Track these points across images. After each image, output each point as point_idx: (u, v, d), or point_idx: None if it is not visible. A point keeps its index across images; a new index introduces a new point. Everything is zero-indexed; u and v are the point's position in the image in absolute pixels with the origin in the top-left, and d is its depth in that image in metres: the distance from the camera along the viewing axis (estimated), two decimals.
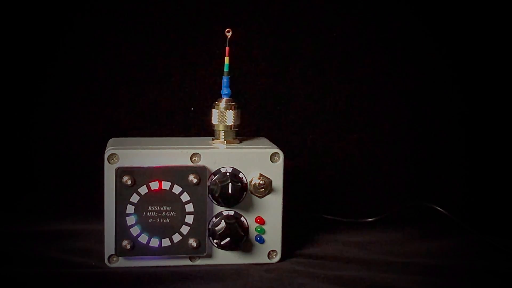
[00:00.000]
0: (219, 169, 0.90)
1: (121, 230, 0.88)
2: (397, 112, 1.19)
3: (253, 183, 0.91)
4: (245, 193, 0.91)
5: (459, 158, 1.20)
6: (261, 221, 0.92)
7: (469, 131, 1.20)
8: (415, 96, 1.19)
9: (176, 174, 0.89)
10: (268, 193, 0.92)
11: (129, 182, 0.87)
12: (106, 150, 0.89)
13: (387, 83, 1.19)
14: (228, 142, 0.94)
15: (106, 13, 1.13)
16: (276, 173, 0.92)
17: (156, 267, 0.89)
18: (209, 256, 0.91)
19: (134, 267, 0.89)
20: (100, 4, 1.13)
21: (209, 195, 0.90)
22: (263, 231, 0.92)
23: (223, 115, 0.94)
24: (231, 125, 0.94)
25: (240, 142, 0.95)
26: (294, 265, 0.92)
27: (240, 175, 0.91)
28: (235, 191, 0.89)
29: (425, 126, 1.20)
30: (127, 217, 0.88)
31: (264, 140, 0.98)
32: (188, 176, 0.89)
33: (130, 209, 0.88)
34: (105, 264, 0.89)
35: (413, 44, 1.18)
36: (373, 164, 1.19)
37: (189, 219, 0.89)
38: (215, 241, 0.90)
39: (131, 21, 1.14)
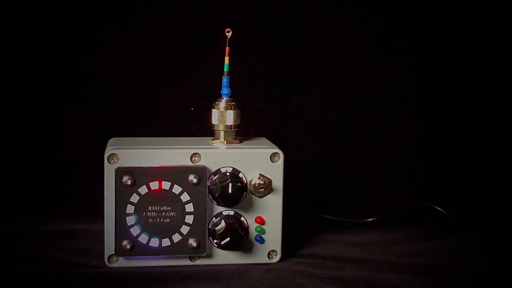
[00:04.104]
0: (219, 169, 0.90)
1: (121, 230, 0.88)
2: (397, 112, 1.19)
3: (253, 183, 0.91)
4: (245, 193, 0.91)
5: (459, 158, 1.20)
6: (261, 221, 0.92)
7: (469, 131, 1.20)
8: (415, 96, 1.19)
9: (176, 174, 0.89)
10: (268, 193, 0.92)
11: (129, 182, 0.87)
12: (106, 150, 0.89)
13: (387, 83, 1.19)
14: (228, 142, 0.94)
15: (106, 13, 1.13)
16: (276, 173, 0.92)
17: (156, 267, 0.89)
18: (209, 256, 0.91)
19: (134, 267, 0.89)
20: (100, 4, 1.13)
21: (209, 195, 0.90)
22: (263, 231, 0.92)
23: (223, 115, 0.94)
24: (231, 125, 0.94)
25: (240, 142, 0.95)
26: (294, 265, 0.92)
27: (240, 175, 0.91)
28: (235, 191, 0.89)
29: (425, 126, 1.20)
30: (127, 217, 0.88)
31: (264, 140, 0.98)
32: (188, 176, 0.89)
33: (130, 209, 0.88)
34: (105, 264, 0.89)
35: (414, 45, 1.18)
36: (373, 164, 1.19)
37: (189, 219, 0.89)
38: (215, 241, 0.90)
39: (131, 21, 1.14)
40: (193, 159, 0.90)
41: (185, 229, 0.89)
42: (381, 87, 1.19)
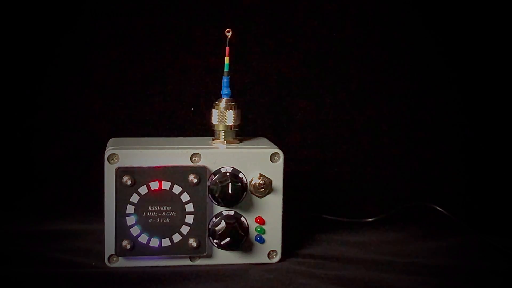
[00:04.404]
0: (219, 169, 0.90)
1: (121, 230, 0.88)
2: (397, 112, 1.19)
3: (253, 183, 0.91)
4: (245, 193, 0.91)
5: (459, 158, 1.20)
6: (261, 221, 0.92)
7: (469, 131, 1.20)
8: (414, 96, 1.19)
9: (176, 174, 0.89)
10: (268, 193, 0.92)
11: (129, 182, 0.87)
12: (106, 150, 0.89)
13: (387, 83, 1.19)
14: (228, 142, 0.94)
15: (105, 13, 1.13)
16: (276, 173, 0.92)
17: (156, 267, 0.89)
18: (209, 256, 0.91)
19: (134, 267, 0.89)
20: (100, 4, 1.13)
21: (209, 195, 0.90)
22: (263, 231, 0.92)
23: (223, 115, 0.94)
24: (231, 125, 0.94)
25: (240, 142, 0.95)
26: (294, 265, 0.92)
27: (240, 175, 0.91)
28: (235, 191, 0.89)
29: (425, 126, 1.20)
30: (127, 217, 0.88)
31: (264, 140, 0.98)
32: (188, 176, 0.89)
33: (130, 209, 0.88)
34: (105, 264, 0.89)
35: (413, 44, 1.18)
36: (373, 164, 1.19)
37: (189, 219, 0.89)
38: (215, 241, 0.90)
39: (131, 21, 1.14)
40: (193, 159, 0.90)
41: (185, 229, 0.89)
42: (381, 87, 1.19)
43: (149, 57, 1.15)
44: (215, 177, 0.90)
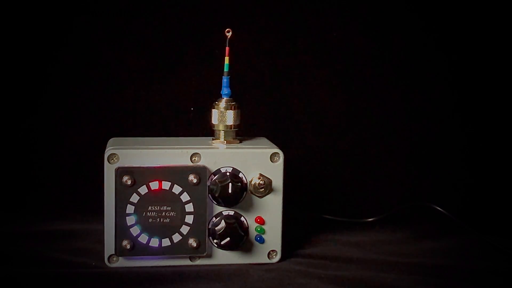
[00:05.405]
0: (219, 169, 0.90)
1: (121, 230, 0.88)
2: (397, 112, 1.19)
3: (253, 183, 0.91)
4: (245, 193, 0.91)
5: (459, 158, 1.20)
6: (261, 221, 0.92)
7: (469, 131, 1.20)
8: (415, 96, 1.19)
9: (176, 174, 0.89)
10: (268, 193, 0.92)
11: (129, 182, 0.87)
12: (106, 150, 0.89)
13: (387, 83, 1.19)
14: (228, 142, 0.94)
15: (106, 14, 1.13)
16: (276, 173, 0.92)
17: (156, 267, 0.89)
18: (209, 256, 0.91)
19: (134, 267, 0.89)
20: (100, 4, 1.13)
21: (209, 195, 0.90)
22: (263, 231, 0.92)
23: (223, 115, 0.94)
24: (231, 125, 0.94)
25: (240, 142, 0.95)
26: (294, 265, 0.92)
27: (240, 175, 0.91)
28: (235, 191, 0.89)
29: (425, 126, 1.20)
30: (127, 217, 0.88)
31: (264, 140, 0.98)
32: (188, 176, 0.89)
33: (130, 209, 0.88)
34: (105, 264, 0.89)
35: (413, 44, 1.18)
36: (373, 164, 1.19)
37: (189, 219, 0.89)
38: (215, 241, 0.90)
39: (131, 21, 1.14)
40: (193, 159, 0.90)
41: (185, 229, 0.89)
42: (381, 87, 1.19)
43: (149, 57, 1.14)
44: (215, 177, 0.90)
